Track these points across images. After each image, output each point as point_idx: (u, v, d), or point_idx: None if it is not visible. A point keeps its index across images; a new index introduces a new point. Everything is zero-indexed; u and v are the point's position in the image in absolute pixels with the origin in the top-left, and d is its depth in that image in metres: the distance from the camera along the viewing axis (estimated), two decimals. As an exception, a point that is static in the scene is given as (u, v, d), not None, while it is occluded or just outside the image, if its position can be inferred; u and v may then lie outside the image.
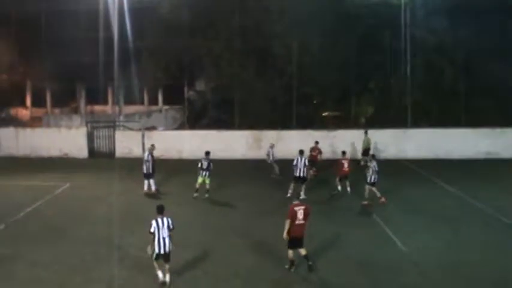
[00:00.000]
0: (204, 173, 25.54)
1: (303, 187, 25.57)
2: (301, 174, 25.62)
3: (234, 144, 37.75)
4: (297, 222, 16.28)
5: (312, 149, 31.04)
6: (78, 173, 32.15)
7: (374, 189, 24.57)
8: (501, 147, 36.85)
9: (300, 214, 16.28)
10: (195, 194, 25.53)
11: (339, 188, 26.61)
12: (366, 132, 35.16)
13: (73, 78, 46.51)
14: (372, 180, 24.48)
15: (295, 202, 16.66)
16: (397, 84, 42.55)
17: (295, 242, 16.40)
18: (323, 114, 44.72)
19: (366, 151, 34.11)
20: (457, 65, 40.94)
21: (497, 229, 21.01)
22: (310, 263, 16.52)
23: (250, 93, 41.66)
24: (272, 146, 31.66)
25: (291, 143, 35.68)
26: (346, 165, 26.42)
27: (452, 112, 41.01)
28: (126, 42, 41.95)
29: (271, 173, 30.82)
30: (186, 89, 44.89)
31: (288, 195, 25.30)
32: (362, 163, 33.32)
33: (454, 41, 39.43)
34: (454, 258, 17.66)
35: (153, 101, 54.49)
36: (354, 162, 27.57)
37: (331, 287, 15.34)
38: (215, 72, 43.33)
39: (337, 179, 26.72)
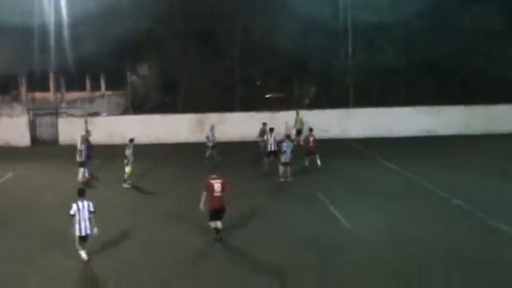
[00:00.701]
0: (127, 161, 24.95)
1: (285, 167, 26.71)
2: (273, 149, 27.20)
3: (177, 127, 37.75)
4: (215, 194, 17.24)
5: (263, 132, 31.28)
6: (21, 161, 31.61)
7: (282, 168, 25.43)
8: (440, 125, 37.98)
9: (218, 187, 17.23)
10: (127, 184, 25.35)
11: (306, 163, 28.15)
12: (297, 113, 35.83)
13: (13, 65, 45.45)
14: (284, 160, 25.32)
15: (213, 176, 17.48)
16: (339, 64, 43.09)
17: (215, 214, 17.33)
18: (266, 96, 45.03)
19: (299, 131, 34.86)
20: (398, 44, 41.71)
21: (438, 204, 21.63)
22: (218, 236, 17.41)
23: (193, 77, 41.62)
24: (212, 128, 31.64)
25: (235, 126, 36.12)
26: (311, 140, 28.14)
27: (393, 91, 41.86)
28: (67, 28, 41.28)
29: (206, 158, 30.38)
30: (128, 74, 44.51)
31: (264, 169, 27.44)
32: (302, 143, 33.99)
33: (394, 21, 40.08)
34: (398, 234, 18.10)
35: (96, 87, 53.88)
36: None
37: (277, 266, 15.53)
38: (157, 56, 43.08)
39: (304, 154, 28.46)
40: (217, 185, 17.25)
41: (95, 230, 15.77)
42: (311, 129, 29.22)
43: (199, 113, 37.90)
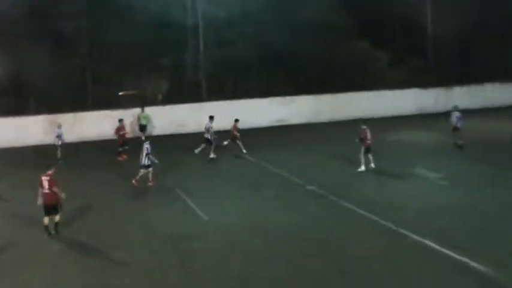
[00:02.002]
0: None
1: (212, 147, 29.04)
2: (210, 137, 29.01)
3: (30, 130, 36.29)
4: (44, 190, 17.51)
5: (119, 129, 30.50)
6: None
7: (143, 170, 23.70)
8: (291, 114, 39.34)
9: (46, 184, 17.40)
10: None
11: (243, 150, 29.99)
12: (142, 110, 35.92)
13: None
14: (145, 163, 23.50)
15: (47, 172, 17.60)
16: (191, 59, 43.31)
17: (46, 209, 17.55)
18: (119, 94, 44.29)
19: (142, 127, 35.65)
20: (248, 38, 42.54)
21: (293, 191, 22.55)
22: (53, 232, 17.70)
23: (44, 77, 40.16)
24: (59, 127, 30.69)
25: (89, 125, 35.39)
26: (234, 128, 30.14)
27: (245, 84, 42.73)
28: None
29: (59, 158, 29.41)
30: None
31: (196, 151, 29.56)
32: (143, 138, 34.34)
33: (243, 15, 40.87)
34: (255, 222, 18.65)
35: None
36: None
37: (139, 264, 15.45)
38: (5, 57, 41.06)
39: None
40: (45, 182, 17.39)
41: None
42: (237, 120, 30.40)
43: (53, 114, 36.64)
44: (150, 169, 23.72)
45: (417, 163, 25.93)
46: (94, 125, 36.16)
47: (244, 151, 29.93)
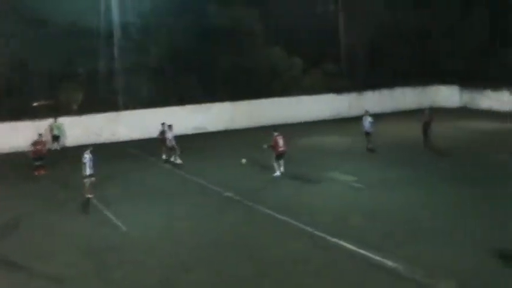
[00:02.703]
0: None
1: (175, 154, 29.37)
2: (172, 144, 29.19)
3: None
4: None
5: (36, 143, 29.17)
6: None
7: (88, 181, 22.97)
8: (208, 121, 39.53)
9: None
10: None
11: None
12: (55, 120, 35.93)
13: None
14: (86, 173, 22.88)
15: None
16: (106, 67, 42.78)
17: None
18: (33, 104, 43.14)
19: (55, 137, 35.65)
20: (163, 45, 42.46)
21: (211, 198, 22.79)
22: None
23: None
24: None
25: (1, 137, 34.41)
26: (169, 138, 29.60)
27: (161, 91, 42.52)
28: None
29: None
30: None
31: (163, 157, 30.17)
32: (58, 148, 35.23)
33: (158, 22, 40.79)
34: (173, 230, 18.86)
35: None
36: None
37: (57, 277, 15.25)
38: None
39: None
40: None
41: None
42: (169, 125, 29.82)
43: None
44: (93, 179, 22.99)
45: (332, 167, 26.66)
46: (6, 137, 35.00)
47: (164, 157, 29.91)
